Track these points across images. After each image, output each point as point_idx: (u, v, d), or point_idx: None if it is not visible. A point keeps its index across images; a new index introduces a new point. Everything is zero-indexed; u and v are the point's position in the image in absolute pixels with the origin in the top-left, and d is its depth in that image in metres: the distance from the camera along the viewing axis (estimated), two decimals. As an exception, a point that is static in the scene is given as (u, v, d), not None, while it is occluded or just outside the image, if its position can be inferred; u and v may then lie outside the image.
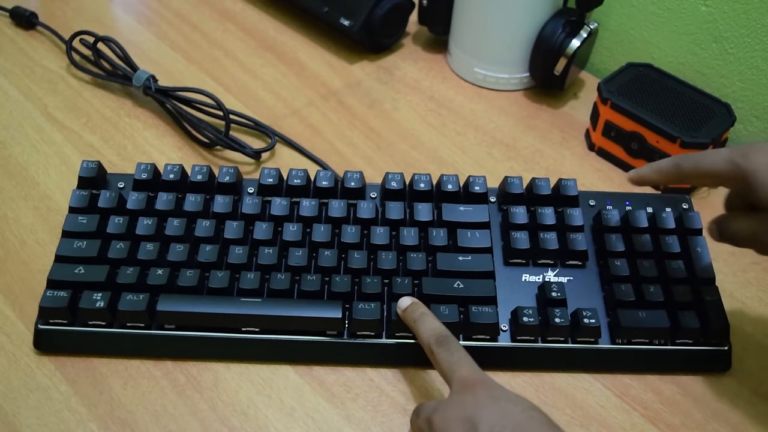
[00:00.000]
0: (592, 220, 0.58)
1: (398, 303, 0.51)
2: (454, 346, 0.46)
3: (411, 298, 0.50)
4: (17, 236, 0.59)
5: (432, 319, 0.48)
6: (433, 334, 0.47)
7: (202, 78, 0.74)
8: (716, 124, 0.63)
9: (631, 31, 0.75)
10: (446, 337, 0.46)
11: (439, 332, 0.47)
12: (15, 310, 0.54)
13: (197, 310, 0.51)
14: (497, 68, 0.74)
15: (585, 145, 0.70)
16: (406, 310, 0.50)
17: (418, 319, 0.48)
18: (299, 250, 0.53)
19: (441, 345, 0.46)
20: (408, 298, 0.51)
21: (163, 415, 0.49)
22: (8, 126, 0.67)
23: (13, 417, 0.48)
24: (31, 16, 0.78)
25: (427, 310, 0.49)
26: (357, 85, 0.75)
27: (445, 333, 0.47)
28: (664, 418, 0.50)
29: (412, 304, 0.50)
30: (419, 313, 0.49)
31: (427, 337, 0.47)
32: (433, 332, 0.47)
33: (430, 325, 0.47)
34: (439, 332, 0.47)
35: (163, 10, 0.83)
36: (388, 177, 0.58)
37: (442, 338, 0.46)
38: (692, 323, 0.51)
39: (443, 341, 0.46)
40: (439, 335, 0.46)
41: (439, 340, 0.46)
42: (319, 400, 0.50)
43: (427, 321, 0.48)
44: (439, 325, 0.48)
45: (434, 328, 0.47)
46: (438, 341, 0.46)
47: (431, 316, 0.48)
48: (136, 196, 0.56)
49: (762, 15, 0.65)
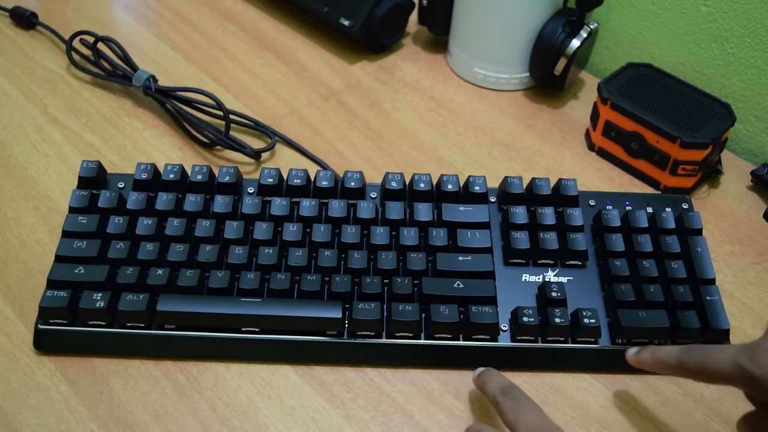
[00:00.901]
0: (592, 220, 0.58)
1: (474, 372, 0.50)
2: (519, 393, 0.46)
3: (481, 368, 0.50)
4: (17, 236, 0.59)
5: (500, 377, 0.48)
6: (499, 386, 0.47)
7: (202, 78, 0.74)
8: (716, 124, 0.63)
9: (631, 31, 0.75)
10: (510, 387, 0.46)
11: (505, 384, 0.47)
12: (15, 310, 0.54)
13: (197, 310, 0.51)
14: (497, 68, 0.74)
15: (585, 145, 0.70)
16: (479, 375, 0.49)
17: (488, 379, 0.48)
18: (299, 250, 0.53)
19: (505, 395, 0.46)
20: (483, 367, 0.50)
21: (163, 415, 0.49)
22: (8, 126, 0.67)
23: (13, 417, 0.48)
24: (31, 16, 0.78)
25: (497, 372, 0.49)
26: (357, 85, 0.75)
27: (510, 384, 0.47)
28: (664, 418, 0.50)
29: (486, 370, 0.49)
30: (489, 375, 0.49)
31: (493, 389, 0.47)
32: (499, 385, 0.47)
33: (498, 379, 0.48)
34: (504, 384, 0.47)
35: (163, 10, 0.83)
36: (388, 177, 0.58)
37: (507, 388, 0.46)
38: (692, 323, 0.51)
39: (507, 391, 0.46)
40: (504, 386, 0.46)
41: (504, 390, 0.46)
42: (319, 400, 0.50)
43: (494, 379, 0.48)
44: (505, 378, 0.48)
45: (501, 382, 0.47)
46: (503, 392, 0.46)
47: (500, 375, 0.48)
48: (136, 196, 0.56)
49: (762, 15, 0.65)
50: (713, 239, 0.61)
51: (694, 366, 0.43)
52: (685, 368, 0.43)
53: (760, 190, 0.66)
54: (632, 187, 0.66)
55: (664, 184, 0.65)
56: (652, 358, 0.46)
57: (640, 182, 0.66)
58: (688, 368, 0.43)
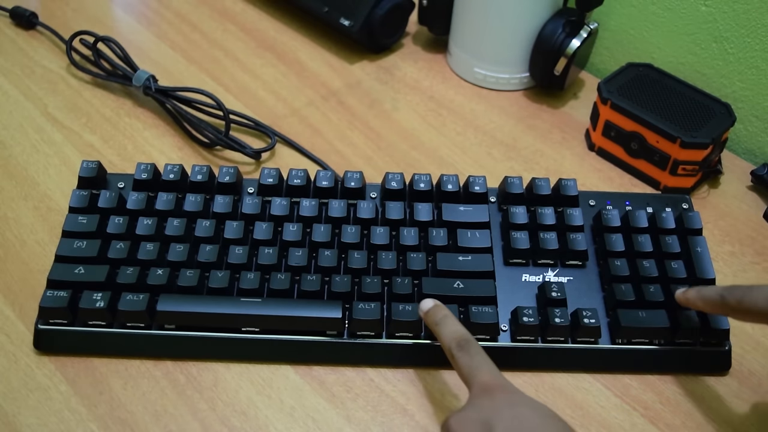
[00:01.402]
0: (592, 220, 0.58)
1: (420, 304, 0.50)
2: (475, 349, 0.45)
3: (433, 300, 0.49)
4: (17, 236, 0.59)
5: (454, 323, 0.47)
6: (454, 338, 0.46)
7: (202, 78, 0.74)
8: (716, 124, 0.63)
9: (631, 31, 0.75)
10: (467, 340, 0.45)
11: (461, 336, 0.46)
12: (15, 310, 0.54)
13: (197, 310, 0.51)
14: (497, 68, 0.74)
15: (585, 145, 0.70)
16: (428, 313, 0.49)
17: (440, 321, 0.47)
18: (299, 250, 0.53)
19: (462, 349, 0.45)
20: (430, 300, 0.50)
21: (163, 415, 0.49)
22: (8, 126, 0.67)
23: (13, 417, 0.48)
24: (31, 16, 0.78)
25: (449, 312, 0.48)
26: (357, 85, 0.75)
27: (467, 337, 0.46)
28: (664, 418, 0.50)
29: (435, 307, 0.49)
30: (441, 316, 0.48)
31: (449, 340, 0.46)
32: (455, 336, 0.46)
33: (452, 328, 0.47)
34: (460, 336, 0.46)
35: (163, 10, 0.83)
36: (388, 177, 0.58)
37: (464, 342, 0.45)
38: (692, 323, 0.51)
39: (464, 345, 0.45)
40: (460, 339, 0.45)
41: (461, 343, 0.45)
42: (319, 400, 0.50)
43: (449, 324, 0.47)
44: (461, 328, 0.47)
45: (456, 332, 0.46)
46: (459, 345, 0.45)
47: (453, 319, 0.47)
48: (136, 196, 0.56)
49: (762, 15, 0.65)
50: (713, 239, 0.61)
51: (734, 301, 0.45)
52: (725, 303, 0.46)
53: (760, 190, 0.66)
54: (632, 187, 0.66)
55: (664, 184, 0.65)
56: (697, 295, 0.48)
57: (640, 182, 0.66)
58: (728, 304, 0.46)
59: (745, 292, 0.45)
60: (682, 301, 0.50)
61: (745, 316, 0.45)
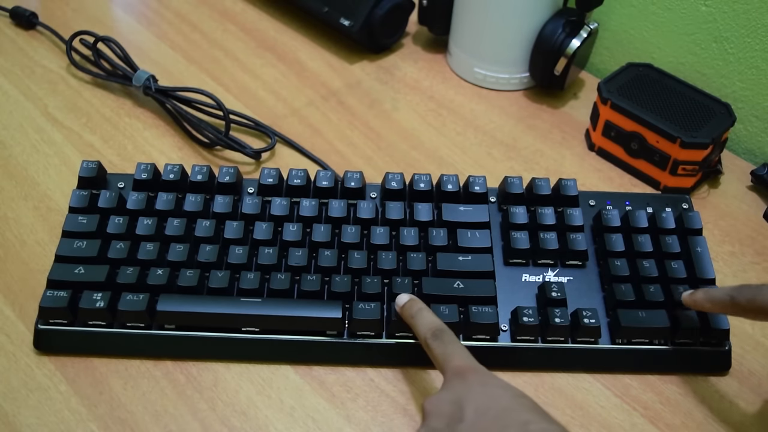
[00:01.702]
0: (592, 220, 0.58)
1: (396, 300, 0.51)
2: (449, 338, 0.46)
3: (408, 295, 0.51)
4: (17, 236, 0.59)
5: (429, 314, 0.49)
6: (429, 329, 0.47)
7: (202, 78, 0.74)
8: (716, 124, 0.63)
9: (631, 31, 0.75)
10: (442, 330, 0.47)
11: (436, 326, 0.47)
12: (15, 310, 0.54)
13: (197, 310, 0.51)
14: (497, 68, 0.74)
15: (585, 145, 0.70)
16: (404, 307, 0.50)
17: (416, 314, 0.49)
18: (299, 250, 0.53)
19: (437, 338, 0.46)
20: (405, 294, 0.51)
21: (163, 415, 0.49)
22: (8, 126, 0.67)
23: (13, 417, 0.48)
24: (31, 16, 0.78)
25: (424, 305, 0.50)
26: (357, 85, 0.75)
27: (441, 326, 0.47)
28: (664, 418, 0.50)
29: (410, 301, 0.50)
30: (416, 309, 0.49)
31: (424, 331, 0.47)
32: (430, 327, 0.47)
33: (428, 320, 0.48)
34: (435, 326, 0.47)
35: (163, 10, 0.83)
36: (388, 177, 0.58)
37: (438, 331, 0.47)
38: (692, 323, 0.51)
39: (439, 334, 0.47)
40: (435, 329, 0.47)
41: (435, 333, 0.47)
42: (319, 400, 0.50)
43: (424, 316, 0.48)
44: (436, 319, 0.48)
45: (431, 323, 0.48)
46: (434, 335, 0.47)
47: (428, 311, 0.49)
48: (136, 196, 0.56)
49: (762, 15, 0.65)
50: (713, 239, 0.61)
51: (744, 301, 0.45)
52: (735, 304, 0.46)
53: (760, 190, 0.66)
54: (632, 187, 0.66)
55: (664, 184, 0.65)
56: (705, 296, 0.48)
57: (640, 182, 0.66)
58: (738, 304, 0.46)
59: (755, 291, 0.45)
60: (689, 303, 0.50)
61: (758, 315, 0.46)
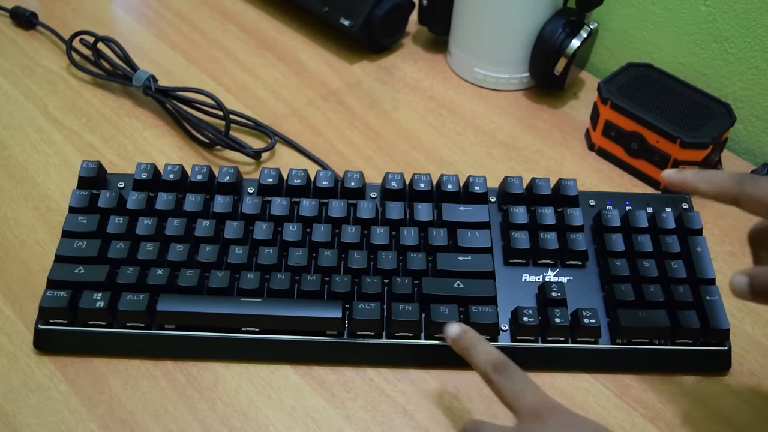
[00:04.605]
0: (592, 220, 0.58)
1: (445, 330, 0.48)
2: (515, 373, 0.44)
3: (459, 324, 0.48)
4: (17, 236, 0.59)
5: (486, 346, 0.46)
6: (490, 361, 0.45)
7: (202, 78, 0.74)
8: (716, 124, 0.63)
9: (631, 31, 0.75)
10: (505, 364, 0.44)
11: (497, 359, 0.45)
12: (15, 310, 0.54)
13: (197, 310, 0.51)
14: (497, 68, 0.74)
15: (585, 145, 0.70)
16: (457, 339, 0.47)
17: (471, 347, 0.46)
18: (299, 250, 0.53)
19: (500, 373, 0.44)
20: (455, 324, 0.48)
21: (163, 415, 0.49)
22: (8, 126, 0.67)
23: (13, 417, 0.48)
24: (31, 16, 0.78)
25: (478, 336, 0.47)
26: (357, 85, 0.75)
27: (503, 359, 0.45)
28: (664, 418, 0.50)
29: (462, 332, 0.47)
30: (471, 339, 0.47)
31: (484, 365, 0.45)
32: (491, 360, 0.45)
33: (486, 351, 0.45)
34: (496, 359, 0.45)
35: (163, 10, 0.83)
36: (388, 177, 0.58)
37: (500, 365, 0.44)
38: (692, 323, 0.51)
39: (501, 369, 0.44)
40: (496, 362, 0.44)
41: (497, 367, 0.44)
42: (319, 400, 0.50)
43: (482, 349, 0.46)
44: (495, 351, 0.45)
45: (490, 354, 0.45)
46: (495, 369, 0.44)
47: (485, 342, 0.46)
48: (136, 196, 0.56)
49: (762, 15, 0.65)
50: (713, 239, 0.61)
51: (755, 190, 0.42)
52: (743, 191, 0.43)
53: (760, 190, 0.66)
54: (632, 187, 0.66)
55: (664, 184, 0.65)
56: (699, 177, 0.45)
57: (640, 182, 0.66)
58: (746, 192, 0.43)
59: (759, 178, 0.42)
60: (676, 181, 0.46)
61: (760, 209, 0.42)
